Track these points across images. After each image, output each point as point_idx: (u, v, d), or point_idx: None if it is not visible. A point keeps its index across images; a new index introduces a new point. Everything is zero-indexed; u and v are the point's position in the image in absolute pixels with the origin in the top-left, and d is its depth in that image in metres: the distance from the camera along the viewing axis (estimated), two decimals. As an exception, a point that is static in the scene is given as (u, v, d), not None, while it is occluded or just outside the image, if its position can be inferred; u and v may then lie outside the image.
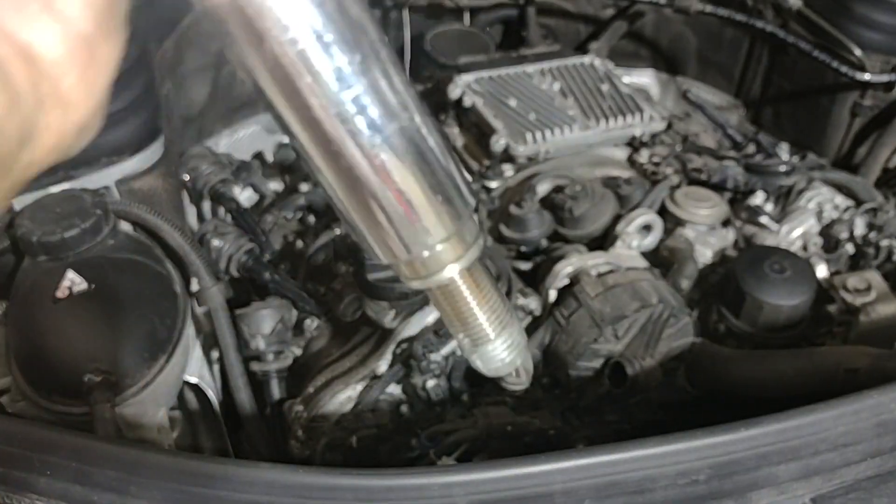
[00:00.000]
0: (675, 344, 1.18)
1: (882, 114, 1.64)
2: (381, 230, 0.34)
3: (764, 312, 1.20)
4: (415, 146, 0.32)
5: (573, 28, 1.98)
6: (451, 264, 0.36)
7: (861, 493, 0.86)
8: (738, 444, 0.82)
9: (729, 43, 1.84)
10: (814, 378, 1.07)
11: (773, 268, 1.20)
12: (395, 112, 0.32)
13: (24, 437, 0.80)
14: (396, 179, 0.32)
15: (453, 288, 0.37)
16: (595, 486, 0.79)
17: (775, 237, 1.37)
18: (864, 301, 1.22)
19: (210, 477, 0.76)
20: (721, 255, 1.35)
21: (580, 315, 1.15)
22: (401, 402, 1.16)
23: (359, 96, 0.30)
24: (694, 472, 0.81)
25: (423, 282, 0.36)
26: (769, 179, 1.43)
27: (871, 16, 1.58)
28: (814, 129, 1.72)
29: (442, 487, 0.76)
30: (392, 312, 1.15)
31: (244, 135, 1.62)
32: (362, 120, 0.31)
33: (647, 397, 1.17)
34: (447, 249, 0.35)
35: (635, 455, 0.80)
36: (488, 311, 0.38)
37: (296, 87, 0.29)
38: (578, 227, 1.32)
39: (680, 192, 1.36)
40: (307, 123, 0.31)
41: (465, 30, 1.86)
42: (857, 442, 0.85)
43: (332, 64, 0.29)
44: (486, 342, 0.38)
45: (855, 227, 1.39)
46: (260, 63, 0.29)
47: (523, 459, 0.79)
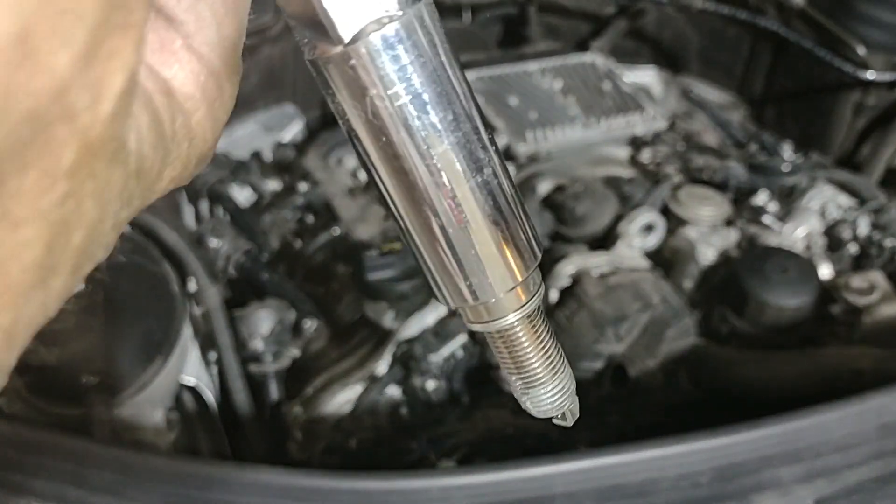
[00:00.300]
0: (677, 345, 1.17)
1: (886, 112, 1.63)
2: (453, 277, 0.36)
3: (767, 313, 1.19)
4: (493, 199, 0.35)
5: (574, 26, 1.97)
6: (513, 312, 0.38)
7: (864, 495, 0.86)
8: (741, 447, 0.81)
9: (731, 41, 1.83)
10: (817, 379, 1.06)
11: (776, 268, 1.19)
12: (480, 166, 0.34)
13: (21, 439, 0.79)
14: (474, 231, 0.34)
15: (512, 333, 0.39)
16: (596, 489, 0.78)
17: (778, 237, 1.36)
18: (867, 301, 1.22)
19: (207, 479, 0.76)
20: (724, 256, 1.34)
21: (581, 316, 1.14)
22: (400, 405, 1.15)
23: (447, 151, 0.32)
24: (696, 475, 0.80)
25: (484, 326, 0.39)
26: (772, 179, 1.42)
27: (874, 14, 1.57)
28: (816, 127, 1.71)
29: (441, 491, 0.76)
30: (391, 313, 1.15)
31: (242, 134, 1.62)
32: (447, 173, 0.33)
33: (648, 399, 1.16)
34: (512, 298, 0.37)
35: (637, 457, 0.80)
36: (543, 356, 0.40)
37: (389, 139, 0.32)
38: (580, 227, 1.31)
39: (682, 192, 1.36)
40: (396, 173, 0.33)
41: (465, 28, 1.86)
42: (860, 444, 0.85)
43: (427, 120, 0.32)
44: (538, 385, 0.40)
45: (858, 226, 1.38)
46: (358, 114, 0.31)
47: (524, 462, 0.78)
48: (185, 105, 0.30)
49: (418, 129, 0.31)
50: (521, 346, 0.39)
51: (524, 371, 0.40)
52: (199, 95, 0.30)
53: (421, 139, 0.32)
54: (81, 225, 0.25)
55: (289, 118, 1.70)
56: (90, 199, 0.24)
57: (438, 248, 0.35)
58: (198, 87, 0.30)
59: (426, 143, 0.32)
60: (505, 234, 0.35)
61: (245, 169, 1.48)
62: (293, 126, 1.69)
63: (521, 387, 0.41)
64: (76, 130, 0.23)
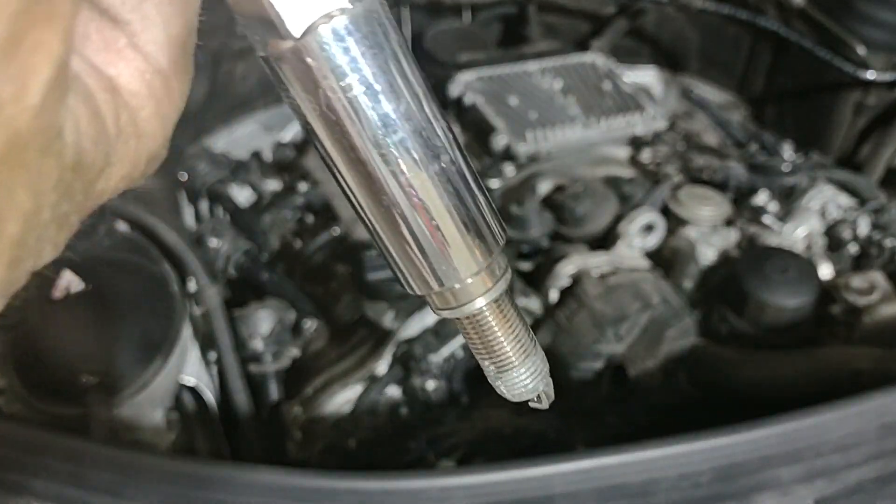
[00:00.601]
0: (677, 345, 1.17)
1: (886, 112, 1.63)
2: (416, 264, 0.37)
3: (767, 313, 1.19)
4: (452, 186, 0.35)
5: (574, 26, 1.97)
6: (480, 297, 0.38)
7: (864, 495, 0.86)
8: (741, 447, 0.82)
9: (731, 41, 1.83)
10: (817, 379, 1.06)
11: (776, 268, 1.19)
12: (437, 154, 0.34)
13: (20, 439, 0.79)
14: (434, 218, 0.35)
15: (481, 318, 0.40)
16: (596, 489, 0.78)
17: (778, 237, 1.36)
18: (867, 301, 1.22)
19: (206, 479, 0.76)
20: (724, 256, 1.34)
21: (581, 316, 1.14)
22: (400, 405, 1.15)
23: (402, 140, 0.33)
24: (696, 475, 0.80)
25: (452, 312, 0.39)
26: (772, 179, 1.42)
27: (874, 13, 1.57)
28: (817, 127, 1.71)
29: (441, 491, 0.76)
30: (391, 313, 1.15)
31: (242, 133, 1.62)
32: (404, 162, 0.33)
33: (648, 399, 1.16)
34: (477, 283, 0.38)
35: (637, 458, 0.80)
36: (513, 340, 0.40)
37: (345, 131, 0.32)
38: (580, 227, 1.31)
39: (682, 192, 1.36)
40: (352, 164, 0.34)
41: (465, 28, 1.86)
42: (860, 444, 0.85)
43: (380, 110, 0.32)
44: (511, 369, 0.40)
45: (858, 226, 1.38)
46: (312, 107, 0.32)
47: (523, 462, 0.78)
48: (130, 102, 0.31)
49: (373, 119, 0.32)
50: (491, 330, 0.39)
51: (496, 356, 0.41)
52: (146, 93, 0.31)
53: (375, 129, 0.32)
54: (14, 215, 0.25)
55: (288, 118, 1.70)
56: (22, 188, 0.25)
57: (400, 237, 0.35)
58: (143, 84, 0.31)
59: (381, 133, 0.32)
60: (466, 219, 0.36)
61: (245, 169, 1.48)
62: (293, 126, 1.69)
63: (493, 371, 0.41)
64: (2, 121, 0.23)
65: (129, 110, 0.31)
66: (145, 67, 0.31)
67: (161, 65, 0.31)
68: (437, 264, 0.36)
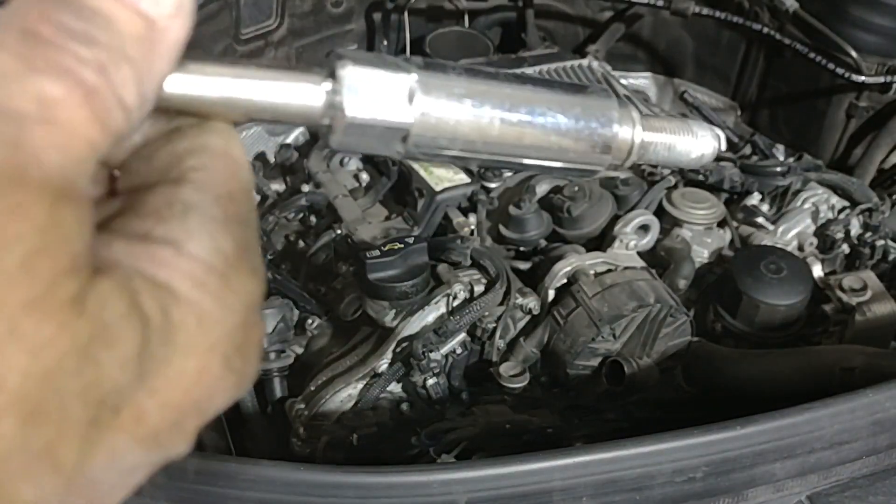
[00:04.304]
0: (673, 343, 1.19)
1: (877, 115, 1.65)
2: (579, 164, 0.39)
3: (760, 312, 1.21)
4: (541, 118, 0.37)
5: (571, 30, 1.99)
6: (638, 126, 0.40)
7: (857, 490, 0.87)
8: (735, 442, 0.82)
9: (725, 45, 1.85)
10: (810, 377, 1.08)
11: (769, 268, 1.21)
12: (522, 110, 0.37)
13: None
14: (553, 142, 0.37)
15: (648, 139, 0.41)
16: (593, 484, 0.80)
17: (772, 237, 1.38)
18: (859, 300, 1.23)
19: (211, 474, 0.77)
20: (718, 255, 1.35)
21: (578, 314, 1.16)
22: (401, 401, 1.17)
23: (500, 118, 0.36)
24: (691, 470, 0.82)
25: (631, 157, 0.40)
26: (765, 180, 1.44)
27: (866, 18, 1.59)
28: (810, 130, 1.73)
29: (442, 485, 0.77)
30: (392, 312, 1.16)
31: (246, 136, 1.63)
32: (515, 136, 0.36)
33: (644, 396, 1.17)
34: (624, 131, 0.39)
35: (633, 453, 0.81)
36: (675, 133, 0.42)
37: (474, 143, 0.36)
38: (576, 228, 1.32)
39: (677, 193, 1.37)
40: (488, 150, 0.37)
41: (464, 32, 1.87)
42: (852, 440, 0.86)
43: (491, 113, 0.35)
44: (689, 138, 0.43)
45: (850, 227, 1.40)
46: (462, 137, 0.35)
47: (522, 457, 0.79)
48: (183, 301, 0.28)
49: None
50: (663, 137, 0.41)
51: (674, 154, 0.42)
52: (198, 294, 0.28)
53: None
54: None
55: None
56: None
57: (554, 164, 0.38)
58: (195, 285, 0.28)
59: None
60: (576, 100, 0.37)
61: (247, 171, 1.49)
62: (296, 129, 1.71)
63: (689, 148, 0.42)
64: None
65: (181, 308, 0.28)
66: (197, 271, 0.28)
67: (215, 265, 0.29)
68: (584, 160, 0.38)
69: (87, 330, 0.24)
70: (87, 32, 0.26)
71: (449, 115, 0.34)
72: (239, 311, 0.29)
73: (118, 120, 0.26)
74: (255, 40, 1.61)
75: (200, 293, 0.28)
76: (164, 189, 0.29)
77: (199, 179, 0.30)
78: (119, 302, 0.26)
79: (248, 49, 1.60)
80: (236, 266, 0.30)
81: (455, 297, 1.17)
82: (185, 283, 0.28)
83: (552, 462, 0.79)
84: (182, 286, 0.28)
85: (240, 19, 1.56)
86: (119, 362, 0.25)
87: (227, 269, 0.29)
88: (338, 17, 1.77)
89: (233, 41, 1.56)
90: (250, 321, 0.30)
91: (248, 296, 0.30)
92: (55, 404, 0.24)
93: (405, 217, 1.36)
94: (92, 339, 0.24)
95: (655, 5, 1.70)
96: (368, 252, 1.14)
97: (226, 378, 0.29)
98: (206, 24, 1.46)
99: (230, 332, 0.29)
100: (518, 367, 1.12)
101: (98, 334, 0.24)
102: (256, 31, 1.60)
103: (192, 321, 0.28)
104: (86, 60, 0.25)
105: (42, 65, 0.25)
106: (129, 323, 0.26)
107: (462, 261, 1.22)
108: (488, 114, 0.35)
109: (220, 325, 0.29)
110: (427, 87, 0.33)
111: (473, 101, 0.34)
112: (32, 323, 0.23)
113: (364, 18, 1.82)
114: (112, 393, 0.25)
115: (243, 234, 0.30)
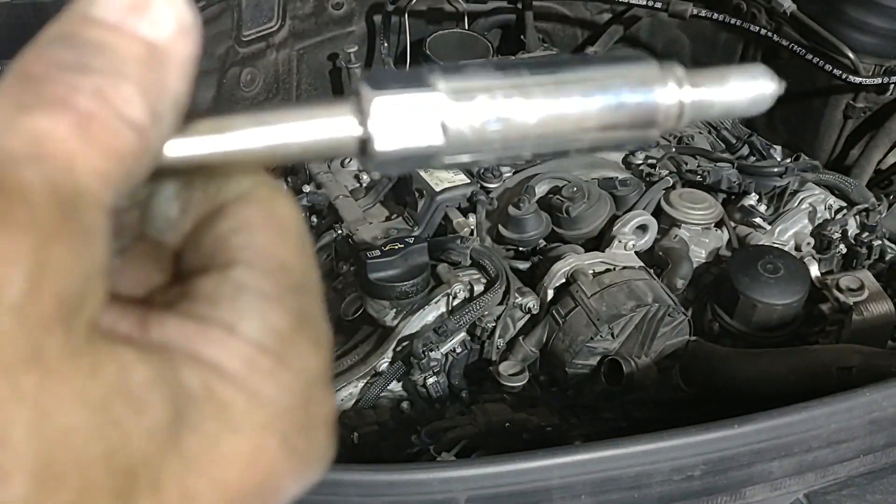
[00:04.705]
0: (670, 342, 1.20)
1: (874, 116, 1.66)
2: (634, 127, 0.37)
3: (757, 312, 1.21)
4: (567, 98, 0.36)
5: (570, 32, 2.00)
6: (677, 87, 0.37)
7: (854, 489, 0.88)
8: (733, 441, 0.83)
9: (723, 46, 1.86)
10: (807, 376, 1.08)
11: (766, 268, 1.22)
12: None
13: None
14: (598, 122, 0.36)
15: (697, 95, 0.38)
16: (592, 482, 0.80)
17: (769, 237, 1.38)
18: (856, 300, 1.24)
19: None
20: (715, 255, 1.36)
21: (577, 314, 1.17)
22: (401, 400, 1.17)
23: None
24: (689, 468, 0.82)
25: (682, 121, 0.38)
26: (763, 181, 1.44)
27: (863, 19, 1.60)
28: (807, 131, 1.74)
29: (441, 482, 0.78)
30: (392, 311, 1.17)
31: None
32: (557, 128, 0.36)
33: (642, 395, 1.18)
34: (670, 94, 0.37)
35: (631, 451, 0.81)
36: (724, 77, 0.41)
37: None
38: (575, 228, 1.33)
39: (675, 194, 1.38)
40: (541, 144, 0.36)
41: (464, 34, 1.88)
42: (849, 439, 0.86)
43: None
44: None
45: (847, 227, 1.41)
46: None
47: (521, 455, 0.80)
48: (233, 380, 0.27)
49: None
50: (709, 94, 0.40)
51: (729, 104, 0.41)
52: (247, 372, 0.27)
53: None
54: None
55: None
56: None
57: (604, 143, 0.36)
58: (246, 365, 0.27)
59: None
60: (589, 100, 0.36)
61: (248, 172, 1.50)
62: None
63: None
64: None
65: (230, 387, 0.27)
66: (247, 350, 0.27)
67: (267, 344, 0.28)
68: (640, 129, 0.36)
69: (102, 389, 0.23)
70: (80, 62, 0.25)
71: (483, 120, 0.33)
72: (296, 388, 0.28)
73: (127, 140, 0.25)
74: (257, 42, 1.61)
75: (251, 372, 0.27)
76: (214, 273, 0.29)
77: (247, 258, 0.29)
78: (146, 369, 0.25)
79: (250, 51, 1.60)
80: (292, 341, 0.29)
81: (455, 296, 1.18)
82: (235, 362, 0.27)
83: (551, 460, 0.80)
84: (231, 365, 0.27)
85: (241, 21, 1.56)
86: (147, 430, 0.24)
87: (281, 347, 0.28)
88: (339, 19, 1.77)
89: (234, 43, 1.57)
90: (313, 398, 0.29)
91: (306, 372, 0.29)
92: (73, 467, 0.22)
93: (405, 217, 1.37)
94: (110, 400, 0.23)
95: (654, 7, 1.71)
96: (369, 252, 1.14)
97: (287, 460, 0.28)
98: (207, 27, 1.46)
99: (287, 411, 0.28)
100: (517, 366, 1.13)
101: (119, 397, 0.24)
102: (258, 33, 1.60)
103: (242, 400, 0.27)
104: (79, 88, 0.25)
105: (32, 101, 0.24)
106: (158, 391, 0.25)
107: (462, 261, 1.23)
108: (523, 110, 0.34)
109: (275, 405, 0.27)
110: (457, 97, 0.33)
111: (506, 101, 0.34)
112: (33, 378, 0.22)
113: (365, 20, 1.82)
114: (144, 465, 0.24)
115: (300, 303, 0.29)
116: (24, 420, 0.21)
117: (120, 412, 0.23)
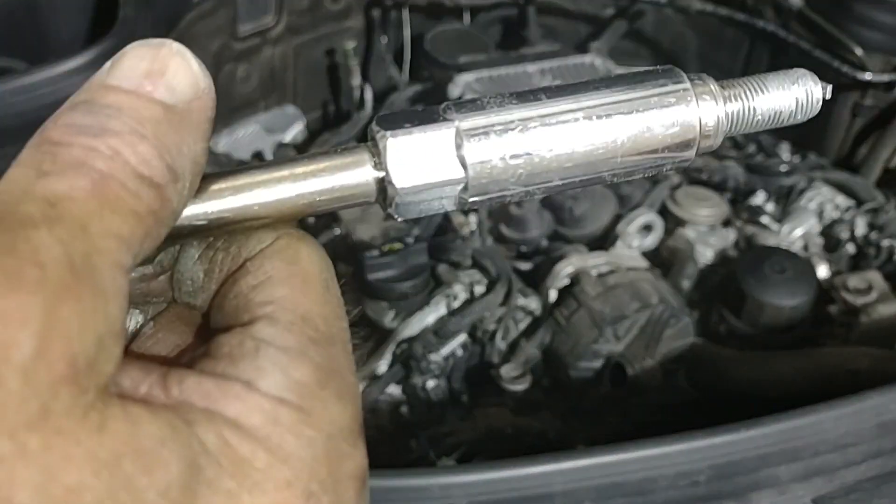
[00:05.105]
0: (676, 344, 1.18)
1: (883, 113, 1.64)
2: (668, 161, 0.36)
3: (765, 313, 1.20)
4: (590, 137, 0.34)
5: (573, 27, 1.98)
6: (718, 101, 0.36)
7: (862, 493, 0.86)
8: (739, 445, 0.82)
9: (729, 43, 1.84)
10: (815, 379, 1.07)
11: (773, 268, 1.20)
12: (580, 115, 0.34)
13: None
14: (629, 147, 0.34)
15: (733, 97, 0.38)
16: (595, 487, 0.79)
17: (776, 237, 1.37)
18: (864, 301, 1.22)
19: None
20: (722, 256, 1.34)
21: (580, 315, 1.15)
22: (400, 403, 1.16)
23: None
24: (694, 473, 0.81)
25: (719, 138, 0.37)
26: (770, 179, 1.43)
27: (871, 15, 1.58)
28: (814, 129, 1.72)
29: (442, 488, 0.76)
30: (391, 313, 1.16)
31: (244, 134, 1.62)
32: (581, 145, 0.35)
33: (647, 398, 1.17)
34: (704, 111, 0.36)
35: (635, 456, 0.80)
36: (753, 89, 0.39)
37: None
38: (579, 227, 1.32)
39: (680, 192, 1.36)
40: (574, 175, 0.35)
41: (464, 29, 1.86)
42: (858, 443, 0.85)
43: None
44: None
45: (856, 227, 1.39)
46: None
47: (523, 460, 0.79)
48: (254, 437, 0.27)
49: None
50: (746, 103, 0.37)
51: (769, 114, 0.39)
52: (270, 428, 0.27)
53: None
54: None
55: (290, 119, 1.71)
56: None
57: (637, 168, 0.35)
58: (267, 420, 0.27)
59: None
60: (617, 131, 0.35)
61: (246, 170, 1.49)
62: (294, 127, 1.70)
63: None
64: None
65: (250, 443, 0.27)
66: (268, 405, 0.27)
67: (289, 398, 0.28)
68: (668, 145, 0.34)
69: (111, 447, 0.23)
70: (97, 124, 0.26)
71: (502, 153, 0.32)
72: (320, 442, 0.28)
73: (145, 199, 0.26)
74: (253, 38, 1.60)
75: (272, 428, 0.27)
76: (237, 330, 0.29)
77: (269, 313, 0.29)
78: (158, 426, 0.25)
79: (246, 46, 1.59)
80: (316, 394, 0.28)
81: (455, 297, 1.16)
82: (255, 417, 0.27)
83: (553, 466, 0.79)
84: (251, 420, 0.27)
85: (237, 16, 1.54)
86: (159, 487, 0.24)
87: (304, 400, 0.28)
88: (336, 14, 1.76)
89: (230, 38, 1.55)
90: (339, 452, 0.28)
91: (331, 425, 0.28)
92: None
93: (405, 216, 1.35)
94: (120, 458, 0.23)
95: (658, 2, 1.69)
96: (367, 252, 1.13)
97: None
98: (202, 22, 1.45)
99: (312, 466, 0.27)
100: (519, 369, 1.12)
101: (129, 455, 0.23)
102: (254, 29, 1.59)
103: (262, 455, 0.26)
104: (96, 149, 0.25)
105: (50, 167, 0.25)
106: (171, 448, 0.24)
107: (462, 261, 1.22)
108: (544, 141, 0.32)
109: (299, 460, 0.27)
110: (473, 131, 0.32)
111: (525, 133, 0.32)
112: (39, 438, 0.22)
113: (363, 15, 1.81)
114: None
115: (324, 355, 0.30)
116: (29, 480, 0.21)
117: (130, 470, 0.23)
